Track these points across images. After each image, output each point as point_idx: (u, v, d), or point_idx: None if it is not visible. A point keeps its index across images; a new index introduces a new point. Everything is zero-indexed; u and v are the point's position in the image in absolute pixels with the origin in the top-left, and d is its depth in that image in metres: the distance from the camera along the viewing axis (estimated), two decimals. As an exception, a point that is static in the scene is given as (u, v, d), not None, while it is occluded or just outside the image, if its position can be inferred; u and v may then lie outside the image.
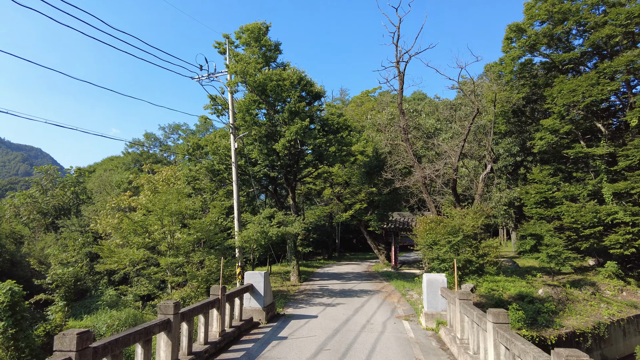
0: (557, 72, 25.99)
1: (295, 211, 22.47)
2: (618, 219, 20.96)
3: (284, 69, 22.32)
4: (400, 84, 19.81)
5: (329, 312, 14.12)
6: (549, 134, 24.17)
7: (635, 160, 20.94)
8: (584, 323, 15.95)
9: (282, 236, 17.18)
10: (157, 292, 16.75)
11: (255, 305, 12.77)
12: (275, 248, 26.49)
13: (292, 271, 22.44)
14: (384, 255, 34.21)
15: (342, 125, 22.15)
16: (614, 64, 21.31)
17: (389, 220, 29.78)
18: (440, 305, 11.85)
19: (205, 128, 47.31)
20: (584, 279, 21.66)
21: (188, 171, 23.69)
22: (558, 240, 19.77)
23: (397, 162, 24.81)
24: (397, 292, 18.86)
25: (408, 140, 19.62)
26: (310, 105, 22.11)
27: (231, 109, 20.99)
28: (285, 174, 22.31)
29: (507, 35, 25.91)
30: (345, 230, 50.59)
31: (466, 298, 9.20)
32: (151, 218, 15.26)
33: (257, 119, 21.58)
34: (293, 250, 22.04)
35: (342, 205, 35.00)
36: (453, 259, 13.43)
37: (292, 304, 15.90)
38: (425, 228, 15.00)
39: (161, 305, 7.78)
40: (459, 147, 17.72)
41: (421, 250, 15.12)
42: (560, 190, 24.49)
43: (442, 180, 19.94)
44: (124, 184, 34.69)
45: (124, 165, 50.09)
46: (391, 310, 14.72)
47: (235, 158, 20.17)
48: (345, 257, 44.24)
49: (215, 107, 24.61)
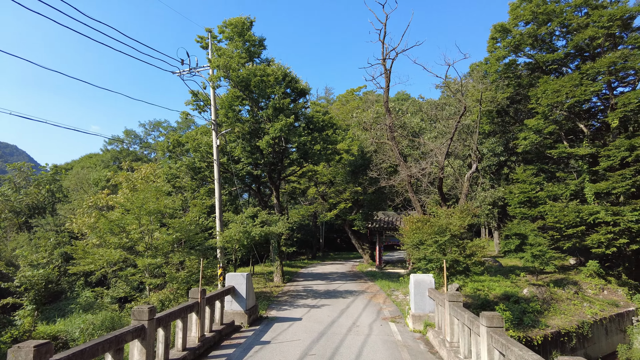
0: (541, 73, 26.18)
1: (279, 210, 21.98)
2: (600, 218, 21.17)
3: (268, 64, 21.81)
4: (387, 81, 19.53)
5: (314, 314, 13.72)
6: (532, 134, 24.30)
7: (616, 160, 21.17)
8: (569, 322, 15.96)
9: (265, 236, 16.69)
10: (134, 295, 16.04)
11: (237, 308, 12.27)
12: (258, 248, 25.95)
13: (276, 272, 21.96)
14: (368, 254, 34.01)
15: (328, 123, 21.77)
16: (596, 65, 21.51)
17: (373, 219, 29.57)
18: (427, 307, 11.58)
19: (186, 125, 46.23)
20: (566, 278, 21.82)
21: (168, 169, 22.94)
22: (542, 240, 19.83)
23: (383, 161, 24.60)
24: (382, 293, 18.59)
25: (394, 139, 19.36)
26: (295, 102, 21.67)
27: (213, 104, 20.39)
28: (269, 172, 21.80)
29: (493, 35, 25.98)
30: (329, 230, 50.30)
31: (456, 300, 8.92)
32: (128, 217, 14.56)
33: (240, 115, 21.01)
34: (277, 250, 21.56)
35: (327, 205, 34.65)
36: (440, 259, 13.22)
37: (275, 305, 15.44)
38: (412, 227, 14.74)
39: (135, 310, 7.24)
40: (446, 146, 17.54)
41: (407, 250, 14.85)
42: (544, 190, 24.67)
43: (428, 179, 19.78)
44: (102, 182, 33.55)
45: (103, 162, 48.62)
46: (377, 311, 14.41)
47: (217, 155, 19.58)
48: (329, 257, 43.93)
49: (197, 103, 23.89)
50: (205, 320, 10.19)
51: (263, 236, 16.21)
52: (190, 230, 14.79)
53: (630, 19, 22.82)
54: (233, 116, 20.23)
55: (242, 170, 21.48)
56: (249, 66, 19.99)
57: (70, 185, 41.75)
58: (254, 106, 20.80)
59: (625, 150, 20.72)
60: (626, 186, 20.35)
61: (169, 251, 14.69)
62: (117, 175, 24.98)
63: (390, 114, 19.80)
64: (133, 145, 50.15)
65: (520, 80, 26.97)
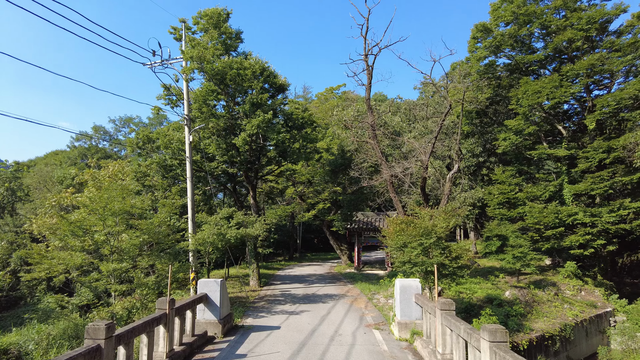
0: (520, 74, 26.19)
1: (256, 211, 21.05)
2: (578, 220, 21.24)
3: (245, 58, 20.84)
4: (369, 78, 18.91)
5: (293, 322, 12.91)
6: (513, 135, 24.24)
7: (594, 162, 21.31)
8: (552, 325, 15.76)
9: (241, 238, 15.75)
10: (97, 303, 14.77)
11: (210, 317, 11.32)
12: (234, 250, 24.91)
13: (252, 275, 21.01)
14: (346, 255, 33.42)
15: (307, 121, 21.00)
16: (576, 67, 21.58)
17: (353, 220, 28.98)
18: (414, 313, 10.97)
19: (159, 121, 44.44)
20: (544, 279, 21.80)
21: (137, 166, 21.59)
22: (524, 242, 19.69)
23: (364, 161, 23.99)
24: (363, 296, 17.96)
25: (375, 138, 18.78)
26: (274, 98, 20.77)
27: (186, 98, 19.28)
28: (245, 170, 20.82)
29: (474, 35, 25.80)
30: (307, 230, 49.53)
31: (448, 308, 8.31)
32: (91, 218, 13.33)
33: (215, 110, 19.94)
34: (253, 252, 20.62)
35: (305, 205, 33.84)
36: (425, 263, 12.66)
37: (251, 312, 14.53)
38: (396, 229, 14.13)
39: (89, 328, 6.25)
40: (430, 145, 17.07)
41: (391, 253, 14.23)
42: (523, 191, 24.67)
43: (411, 180, 19.30)
44: (67, 180, 31.60)
45: (70, 160, 46.15)
46: (359, 317, 13.73)
47: (190, 152, 18.48)
48: (307, 258, 43.16)
49: (169, 98, 22.68)
50: (175, 333, 9.23)
51: (239, 238, 15.28)
52: (159, 232, 13.69)
53: (607, 22, 23.04)
54: (207, 111, 19.17)
55: (216, 169, 20.41)
56: (224, 59, 19.00)
57: (32, 183, 39.34)
58: (230, 101, 19.80)
59: (603, 152, 20.86)
60: (604, 187, 20.48)
61: (136, 255, 13.54)
62: (82, 173, 23.40)
63: (372, 112, 19.20)
64: (102, 141, 47.90)
65: (500, 81, 26.93)
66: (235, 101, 19.76)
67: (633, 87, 20.07)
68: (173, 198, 22.91)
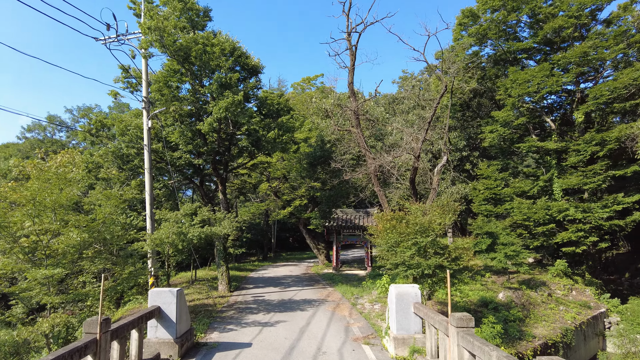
0: (506, 64, 25.04)
1: (225, 207, 18.82)
2: (570, 215, 20.16)
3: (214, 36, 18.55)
4: (352, 59, 17.05)
5: (267, 337, 10.89)
6: (500, 127, 23.01)
7: (586, 155, 20.25)
8: (552, 331, 14.39)
9: (206, 238, 13.57)
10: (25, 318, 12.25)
11: (163, 335, 9.16)
12: (201, 251, 22.58)
13: (221, 279, 18.78)
14: (323, 255, 31.58)
15: (283, 107, 18.94)
16: (568, 55, 20.47)
17: (331, 217, 27.11)
18: (413, 326, 9.17)
19: (120, 111, 41.08)
20: (533, 279, 20.64)
21: (89, 156, 18.92)
22: (515, 239, 18.37)
23: (345, 152, 22.13)
24: (345, 302, 16.11)
25: (359, 126, 16.94)
26: (245, 81, 18.58)
27: (145, 78, 16.88)
28: (213, 162, 18.56)
29: (460, 21, 24.44)
30: (282, 229, 47.40)
31: (466, 325, 6.54)
32: (17, 214, 10.84)
33: (179, 93, 17.57)
34: (222, 254, 18.41)
35: (280, 202, 31.76)
36: (422, 265, 10.91)
37: (218, 325, 12.39)
38: (385, 226, 12.32)
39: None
40: (422, 131, 15.39)
41: (380, 253, 12.42)
42: (510, 186, 23.51)
43: (399, 172, 17.64)
44: (12, 174, 28.29)
45: (21, 152, 42.19)
46: (344, 328, 11.86)
47: (148, 140, 16.13)
48: (282, 258, 41.05)
49: (128, 81, 20.10)
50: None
51: (203, 238, 13.10)
52: (104, 231, 11.34)
53: (598, 10, 22.09)
54: (169, 93, 16.81)
55: (180, 160, 18.04)
56: (190, 36, 16.68)
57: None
58: (196, 83, 17.48)
59: (596, 144, 19.81)
60: (598, 182, 19.43)
61: (75, 258, 11.15)
62: (23, 164, 20.49)
63: (356, 98, 17.33)
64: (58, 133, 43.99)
65: (487, 71, 25.68)
66: (202, 82, 17.46)
67: (627, 76, 19.08)
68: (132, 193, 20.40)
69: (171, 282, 24.11)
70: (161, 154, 17.91)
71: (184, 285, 21.31)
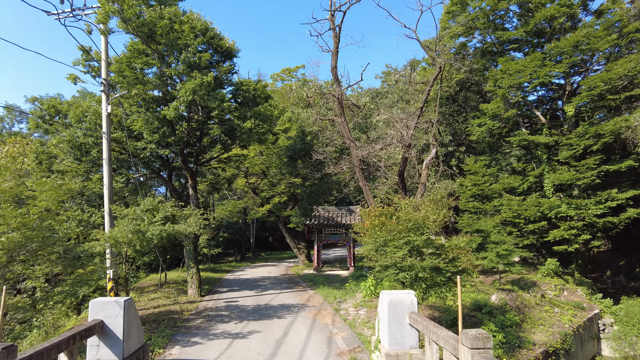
0: (496, 56, 24.03)
1: (196, 204, 17.13)
2: (562, 212, 19.25)
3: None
4: (336, 41, 15.60)
5: (237, 352, 9.34)
6: (489, 120, 21.95)
7: (579, 149, 19.37)
8: (552, 336, 13.30)
9: (170, 237, 11.88)
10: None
11: (107, 356, 7.51)
12: (171, 250, 20.80)
13: (191, 282, 17.09)
14: (304, 254, 30.13)
15: (261, 94, 17.35)
16: (561, 45, 19.53)
17: (312, 215, 25.65)
18: (408, 340, 7.78)
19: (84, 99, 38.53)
20: (522, 278, 19.68)
21: (39, 145, 16.88)
22: (507, 238, 17.31)
23: (328, 144, 20.65)
24: (328, 307, 14.68)
25: (343, 114, 15.50)
26: (219, 65, 16.90)
27: (104, 58, 15.07)
28: (182, 154, 16.83)
29: (448, 9, 23.29)
30: (261, 228, 45.65)
31: (483, 346, 5.17)
32: None
33: (145, 76, 15.74)
34: (192, 255, 16.71)
35: (259, 199, 30.09)
36: (416, 267, 9.55)
37: (182, 337, 10.76)
38: (374, 223, 10.93)
39: None
40: (414, 117, 14.04)
41: (368, 254, 11.02)
42: (499, 182, 22.52)
43: (385, 165, 16.33)
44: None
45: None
46: (327, 339, 10.41)
47: (107, 127, 14.35)
48: (261, 258, 39.37)
49: (89, 64, 18.16)
50: (25, 399, 5.40)
51: (165, 237, 11.42)
52: (41, 227, 9.55)
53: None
54: (132, 76, 15.02)
55: (145, 151, 16.24)
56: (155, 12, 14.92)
57: None
58: (163, 65, 15.71)
59: (589, 138, 18.93)
60: (591, 177, 18.55)
61: (4, 262, 9.31)
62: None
63: (340, 83, 15.89)
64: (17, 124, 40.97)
65: (475, 62, 24.61)
66: (169, 64, 15.70)
67: (622, 66, 18.25)
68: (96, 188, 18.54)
69: (139, 285, 22.19)
70: (125, 145, 16.09)
71: (152, 289, 19.52)
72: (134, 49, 15.55)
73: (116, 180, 17.29)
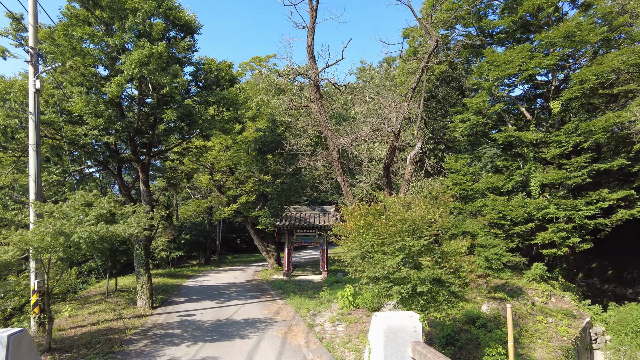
0: (479, 49, 22.78)
1: (147, 201, 14.68)
2: (550, 214, 18.07)
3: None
4: (312, 15, 13.61)
5: (183, 392, 7.16)
6: (473, 115, 20.60)
7: (568, 147, 18.25)
8: (553, 352, 11.86)
9: (105, 240, 9.49)
10: None
11: (-18, 416, 5.19)
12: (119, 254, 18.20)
13: (141, 291, 14.62)
14: (273, 258, 27.94)
15: (225, 75, 15.12)
16: (551, 35, 18.37)
17: (283, 216, 23.52)
18: (410, 380, 5.87)
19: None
20: (507, 284, 18.40)
21: (-48, 129, 13.96)
22: (497, 241, 15.85)
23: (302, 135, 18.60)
24: (300, 321, 12.63)
25: (320, 98, 13.55)
26: (177, 40, 14.54)
27: (31, 21, 12.44)
28: (132, 142, 14.35)
29: (431, -6, 21.76)
30: (228, 229, 43.01)
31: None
32: None
33: (84, 46, 13.18)
34: (142, 260, 14.27)
35: (225, 198, 27.65)
36: (413, 279, 7.68)
37: (114, 368, 8.44)
38: (359, 224, 8.99)
39: None
40: (405, 99, 12.28)
41: (351, 262, 9.06)
42: (482, 181, 21.23)
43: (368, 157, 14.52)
44: None
45: None
46: (300, 368, 8.38)
47: (36, 106, 11.80)
48: (227, 261, 36.75)
49: (20, 35, 15.43)
50: None
51: (98, 241, 9.05)
52: None
53: (577, -10, 20.32)
54: (67, 45, 12.48)
55: (86, 137, 13.67)
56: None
57: None
58: (107, 36, 13.22)
59: (579, 134, 17.83)
60: (582, 176, 17.43)
61: None
62: None
63: (316, 64, 13.93)
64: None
65: (456, 55, 23.27)
66: (115, 33, 13.23)
67: (614, 59, 17.24)
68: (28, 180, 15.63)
69: (85, 293, 19.41)
70: (57, 128, 13.47)
71: (98, 299, 16.87)
72: (72, 14, 13.00)
73: (50, 171, 14.60)
